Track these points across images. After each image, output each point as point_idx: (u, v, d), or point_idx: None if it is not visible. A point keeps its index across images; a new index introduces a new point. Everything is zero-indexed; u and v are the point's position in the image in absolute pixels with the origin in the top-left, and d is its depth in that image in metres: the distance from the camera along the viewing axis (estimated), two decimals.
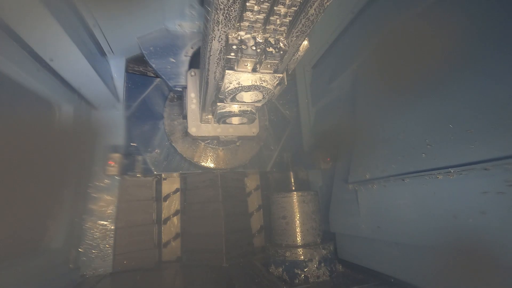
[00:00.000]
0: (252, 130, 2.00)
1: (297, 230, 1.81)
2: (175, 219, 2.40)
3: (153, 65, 2.00)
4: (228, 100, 1.30)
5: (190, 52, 2.07)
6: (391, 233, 1.46)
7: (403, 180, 1.38)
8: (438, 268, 1.23)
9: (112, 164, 1.85)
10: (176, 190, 2.42)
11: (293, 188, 2.02)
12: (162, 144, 2.22)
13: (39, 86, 1.49)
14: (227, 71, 1.08)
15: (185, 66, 2.03)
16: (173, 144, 2.17)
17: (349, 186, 1.76)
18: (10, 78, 1.30)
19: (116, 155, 1.86)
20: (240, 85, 1.14)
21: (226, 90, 1.16)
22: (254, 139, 2.26)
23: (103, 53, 1.96)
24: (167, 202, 2.43)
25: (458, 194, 1.14)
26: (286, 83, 1.30)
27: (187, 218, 2.29)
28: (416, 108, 1.38)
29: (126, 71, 2.21)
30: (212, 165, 2.19)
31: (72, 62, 1.46)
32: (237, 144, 2.24)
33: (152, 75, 2.33)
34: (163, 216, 2.38)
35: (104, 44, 1.90)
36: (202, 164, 2.17)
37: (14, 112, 1.38)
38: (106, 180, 2.01)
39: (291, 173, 2.07)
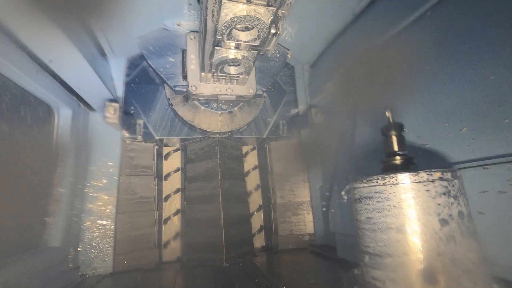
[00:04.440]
0: (250, 90, 2.03)
1: (438, 260, 0.86)
2: (176, 219, 2.41)
3: (153, 65, 2.00)
4: (225, 37, 1.38)
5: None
6: None
7: None
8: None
9: (112, 112, 1.78)
10: (177, 191, 2.45)
11: (412, 165, 1.10)
12: (163, 108, 2.26)
13: (38, 87, 1.49)
14: (223, 1, 1.17)
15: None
16: (173, 108, 2.19)
17: (349, 186, 1.76)
18: (10, 80, 1.30)
19: (116, 104, 1.81)
20: (236, 16, 1.23)
21: (223, 23, 1.27)
22: (252, 105, 2.32)
23: (103, 54, 1.96)
24: (168, 202, 2.44)
25: None
26: (280, 31, 1.39)
27: (187, 201, 2.37)
28: (414, 106, 1.39)
29: None
30: (211, 128, 2.22)
31: (71, 63, 1.45)
32: (235, 109, 2.30)
33: None
34: (164, 216, 2.39)
35: (104, 44, 1.89)
36: (202, 127, 2.20)
37: (13, 112, 1.38)
38: (104, 180, 2.02)
39: (393, 132, 1.16)
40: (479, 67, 1.10)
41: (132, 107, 2.20)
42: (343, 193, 1.87)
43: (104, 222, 1.96)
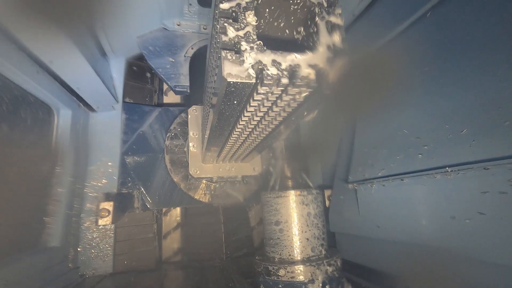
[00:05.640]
0: (254, 168, 1.95)
1: (294, 240, 1.46)
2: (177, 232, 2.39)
3: (152, 65, 1.99)
4: None
5: (190, 52, 2.06)
6: (391, 232, 1.48)
7: (402, 180, 1.40)
8: (436, 267, 1.25)
9: (105, 215, 1.74)
10: (177, 226, 2.40)
11: (290, 185, 1.77)
12: (163, 178, 2.17)
13: (38, 88, 1.48)
14: None
15: (185, 66, 2.03)
16: (174, 180, 2.14)
17: (349, 186, 1.77)
18: (10, 80, 1.30)
19: (109, 204, 1.76)
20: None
21: None
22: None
23: (103, 53, 1.95)
24: (168, 239, 2.38)
25: (456, 194, 1.15)
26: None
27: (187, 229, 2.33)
28: (414, 107, 1.39)
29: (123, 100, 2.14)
30: (214, 201, 2.18)
31: (72, 63, 1.44)
32: (239, 182, 2.19)
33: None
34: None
35: (104, 44, 1.88)
36: (204, 201, 2.17)
37: (13, 113, 1.38)
38: (104, 180, 2.01)
39: (287, 166, 1.87)
40: (479, 69, 1.10)
41: (129, 178, 2.11)
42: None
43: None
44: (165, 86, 2.62)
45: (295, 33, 0.88)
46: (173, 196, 2.16)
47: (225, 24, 0.70)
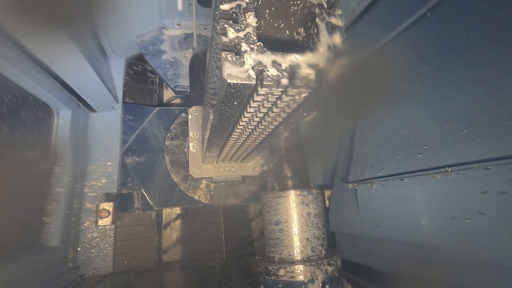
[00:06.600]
0: (254, 168, 1.96)
1: (294, 239, 1.47)
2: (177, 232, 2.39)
3: (152, 65, 1.99)
4: None
5: (190, 52, 2.06)
6: (391, 232, 1.48)
7: (402, 180, 1.40)
8: (436, 267, 1.25)
9: (105, 215, 1.74)
10: (177, 226, 2.39)
11: (290, 185, 1.82)
12: (163, 179, 2.17)
13: (38, 88, 1.48)
14: None
15: (185, 66, 2.03)
16: (174, 180, 2.15)
17: (349, 186, 1.77)
18: (10, 80, 1.30)
19: (109, 205, 1.76)
20: None
21: None
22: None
23: (103, 53, 1.95)
24: (167, 239, 2.38)
25: (456, 194, 1.15)
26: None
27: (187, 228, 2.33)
28: (414, 107, 1.39)
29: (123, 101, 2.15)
30: (213, 203, 2.19)
31: (72, 64, 1.44)
32: (239, 181, 2.17)
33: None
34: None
35: (104, 43, 1.88)
36: (204, 201, 2.17)
37: (13, 113, 1.38)
38: (104, 180, 2.01)
39: (287, 166, 1.91)
40: (479, 69, 1.10)
41: (129, 178, 2.11)
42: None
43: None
44: (165, 95, 2.62)
45: (295, 34, 0.88)
46: (173, 196, 2.17)
47: (226, 25, 0.70)
